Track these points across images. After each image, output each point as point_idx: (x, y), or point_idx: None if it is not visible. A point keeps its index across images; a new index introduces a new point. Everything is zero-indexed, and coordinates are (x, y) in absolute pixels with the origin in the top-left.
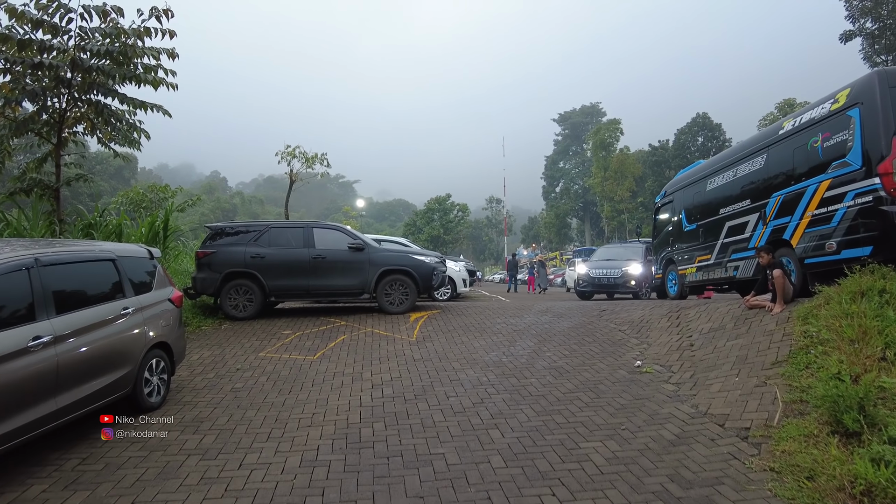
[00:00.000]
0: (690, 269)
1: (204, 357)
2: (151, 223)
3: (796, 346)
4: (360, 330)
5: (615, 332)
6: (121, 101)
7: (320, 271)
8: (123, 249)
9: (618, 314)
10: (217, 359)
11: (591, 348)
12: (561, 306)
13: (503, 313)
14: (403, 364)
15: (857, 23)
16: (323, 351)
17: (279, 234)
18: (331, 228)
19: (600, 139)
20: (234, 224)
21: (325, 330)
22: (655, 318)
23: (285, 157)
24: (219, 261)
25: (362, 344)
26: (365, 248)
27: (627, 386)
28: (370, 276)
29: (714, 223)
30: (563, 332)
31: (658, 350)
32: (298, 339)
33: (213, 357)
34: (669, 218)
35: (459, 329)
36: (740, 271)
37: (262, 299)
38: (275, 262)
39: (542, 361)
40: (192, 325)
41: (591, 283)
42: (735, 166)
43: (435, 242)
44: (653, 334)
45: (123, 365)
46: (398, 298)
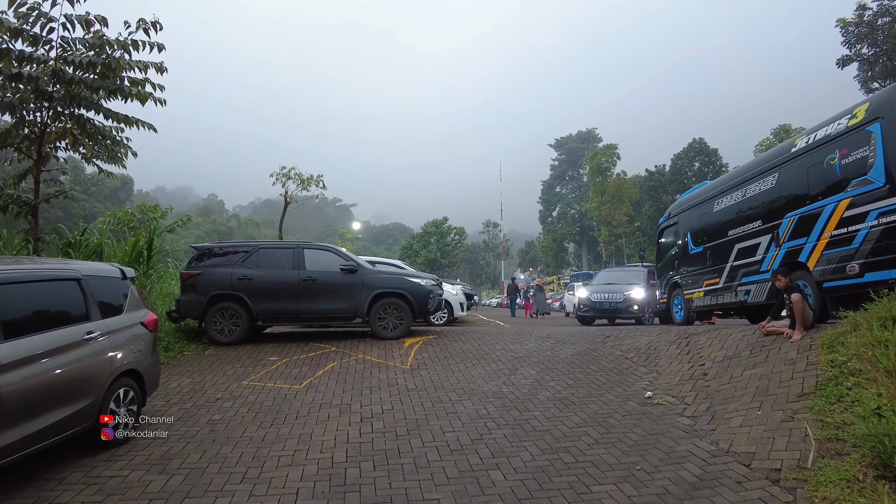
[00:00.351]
0: (697, 293)
1: (183, 385)
2: (135, 243)
3: (824, 377)
4: (351, 356)
5: (622, 360)
6: (105, 115)
7: (311, 294)
8: (92, 268)
9: (623, 340)
10: (197, 387)
11: (598, 377)
12: (563, 332)
13: (502, 339)
14: (396, 394)
15: (853, 48)
16: (310, 379)
17: (268, 255)
18: (322, 249)
19: (597, 164)
20: (221, 244)
21: (314, 356)
22: (663, 345)
23: (280, 178)
24: (204, 282)
25: (353, 372)
26: (358, 270)
27: (639, 419)
28: (363, 299)
29: (722, 245)
30: (567, 360)
31: (669, 379)
32: (285, 366)
33: (192, 385)
34: (674, 240)
35: (456, 356)
36: (752, 295)
37: (249, 323)
38: (263, 284)
39: (545, 392)
40: (174, 351)
41: (593, 308)
42: (744, 186)
43: (432, 266)
44: (662, 362)
45: (83, 396)
46: (392, 323)
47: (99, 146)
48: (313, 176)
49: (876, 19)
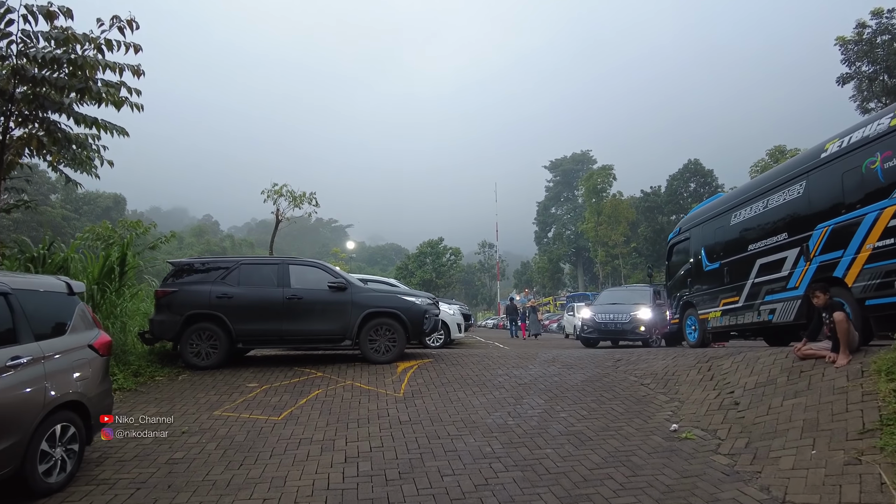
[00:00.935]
0: (714, 313)
1: (147, 415)
2: (105, 258)
3: (889, 410)
4: (338, 383)
5: (637, 387)
6: (75, 119)
7: (296, 314)
8: (26, 282)
9: (636, 365)
10: (163, 417)
11: (614, 407)
12: (568, 355)
13: (504, 363)
14: (387, 428)
15: (852, 66)
16: (291, 409)
17: (250, 272)
18: (309, 265)
19: (592, 184)
20: (199, 259)
21: (298, 383)
22: (682, 370)
23: (271, 195)
24: (180, 301)
25: (339, 401)
26: (347, 288)
27: (668, 458)
28: (352, 319)
29: (742, 261)
30: (577, 387)
31: (695, 409)
32: (264, 393)
33: (157, 415)
34: (686, 257)
35: (455, 382)
36: (778, 315)
37: (229, 346)
38: (244, 303)
39: (556, 425)
40: (145, 376)
41: (598, 329)
42: (765, 197)
43: (427, 286)
44: (683, 389)
45: (4, 436)
46: (384, 345)
47: (66, 152)
48: (305, 193)
49: (875, 37)
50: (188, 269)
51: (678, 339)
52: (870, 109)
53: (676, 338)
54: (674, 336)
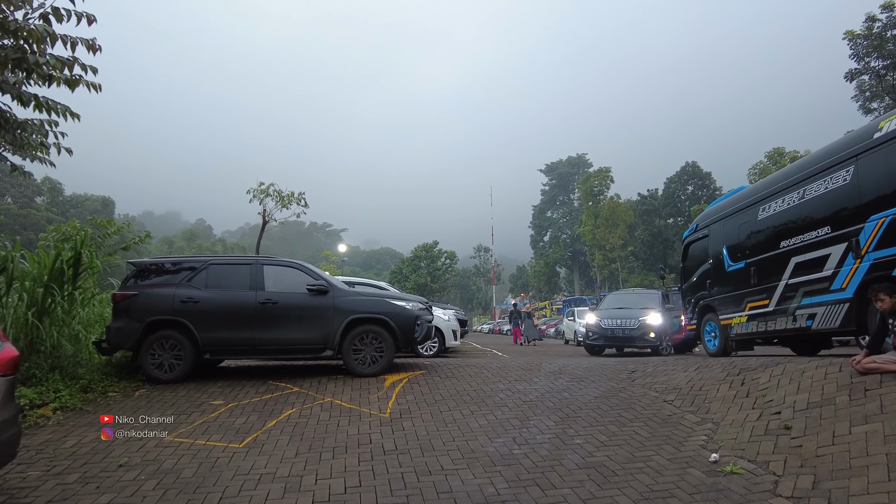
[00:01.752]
0: (738, 318)
1: (84, 442)
2: (55, 258)
3: None
4: (315, 400)
5: (660, 405)
6: (19, 99)
7: (270, 320)
8: None
9: (654, 377)
10: (101, 444)
11: (637, 430)
12: (576, 366)
13: (505, 375)
14: (368, 460)
15: (861, 61)
16: (256, 434)
17: (220, 273)
18: (286, 266)
19: (589, 187)
20: (163, 259)
21: (269, 400)
22: (710, 384)
23: (257, 195)
24: (140, 306)
25: (314, 423)
26: (329, 291)
27: (716, 501)
28: (334, 326)
29: (772, 260)
30: (591, 405)
31: (735, 434)
32: (229, 412)
33: (95, 442)
34: (705, 257)
35: (450, 398)
36: (819, 321)
37: (194, 356)
38: (212, 308)
39: (572, 454)
40: (96, 391)
41: (604, 336)
42: (801, 186)
43: (422, 290)
44: (715, 407)
45: None
46: (370, 356)
47: (7, 135)
48: (293, 193)
49: (885, 31)
50: (151, 270)
51: (689, 346)
52: (873, 109)
53: (687, 345)
54: (685, 343)
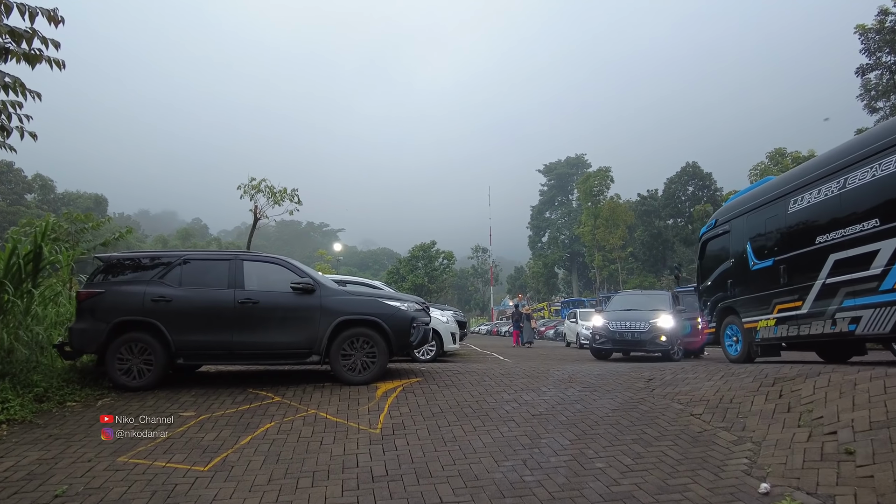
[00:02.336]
0: (765, 321)
1: (21, 465)
2: (11, 251)
3: None
4: (298, 411)
5: (687, 419)
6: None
7: (250, 322)
8: None
9: (674, 386)
10: (42, 467)
11: (665, 451)
12: (587, 372)
13: (510, 383)
14: (353, 489)
15: (873, 56)
16: (226, 454)
17: (195, 270)
18: (268, 262)
19: (589, 187)
20: (133, 253)
21: (247, 411)
22: (741, 395)
23: (248, 191)
24: (106, 305)
25: (294, 440)
26: (316, 290)
27: None
28: (321, 328)
29: (807, 257)
30: (609, 419)
31: (783, 458)
32: (199, 426)
33: (36, 463)
34: (725, 254)
35: (449, 411)
36: (865, 325)
37: (166, 361)
38: (186, 307)
39: (594, 482)
40: (52, 401)
41: (612, 339)
42: (842, 175)
43: (419, 291)
44: (752, 424)
45: None
46: (361, 362)
47: None
48: (286, 189)
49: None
50: (119, 266)
51: (698, 350)
52: (879, 108)
53: (698, 350)
54: (693, 347)
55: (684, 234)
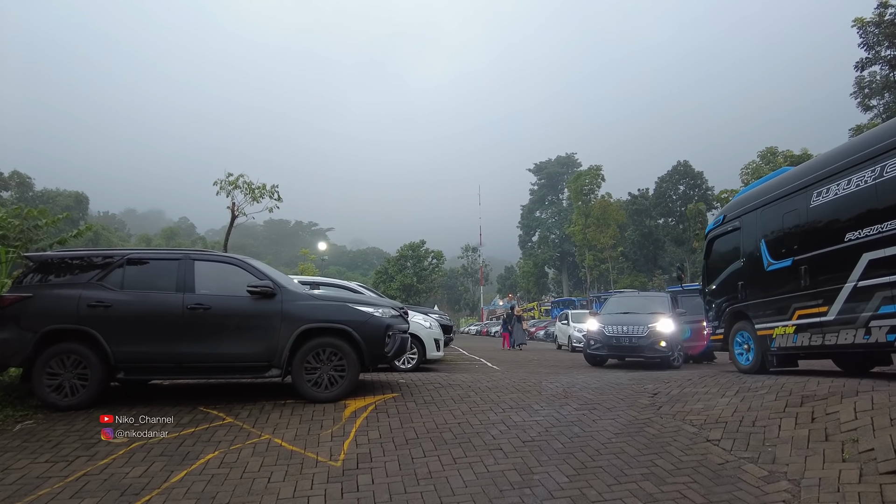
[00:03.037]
0: (782, 327)
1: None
2: None
3: None
4: (250, 437)
5: (703, 445)
6: None
7: (201, 330)
8: None
9: (684, 403)
10: None
11: (682, 490)
12: (583, 385)
13: (498, 399)
14: None
15: (872, 50)
16: (150, 496)
17: (140, 271)
18: (223, 262)
19: (580, 186)
20: (67, 252)
21: (190, 435)
22: (764, 416)
23: (224, 187)
24: (34, 311)
25: (237, 475)
26: (276, 294)
27: None
28: (282, 338)
29: (834, 256)
30: (612, 446)
31: (829, 501)
32: (127, 457)
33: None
34: (735, 253)
35: (426, 437)
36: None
37: (104, 376)
38: (128, 314)
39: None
40: None
41: (607, 345)
42: (878, 162)
43: (408, 291)
44: (784, 454)
45: None
46: (328, 376)
47: None
48: (265, 186)
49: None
50: (52, 267)
51: (706, 355)
52: (872, 106)
53: (697, 354)
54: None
55: (675, 234)
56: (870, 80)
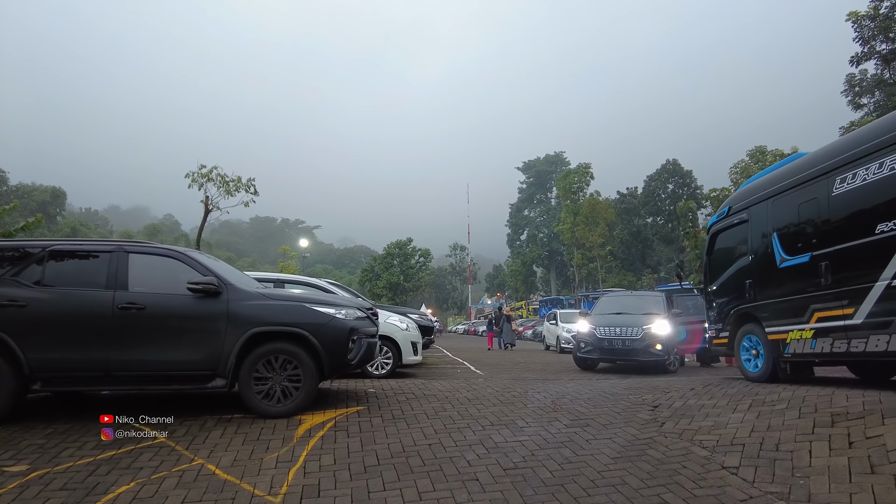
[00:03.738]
0: (798, 331)
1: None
2: None
3: None
4: (179, 462)
5: (719, 474)
6: None
7: (134, 334)
8: None
9: (690, 418)
10: None
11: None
12: (574, 395)
13: (478, 413)
14: None
15: (867, 45)
16: None
17: (64, 265)
18: (160, 255)
19: (568, 184)
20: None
21: (106, 461)
22: (790, 438)
23: (197, 179)
24: None
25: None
26: (222, 293)
27: None
28: (227, 343)
29: (861, 251)
30: (610, 475)
31: None
32: (19, 491)
33: None
34: (742, 249)
35: (389, 463)
36: None
37: (17, 387)
38: (46, 315)
39: None
40: None
41: (599, 348)
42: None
43: (395, 290)
44: (822, 490)
45: None
46: (281, 387)
47: None
48: (241, 179)
49: (893, 12)
50: None
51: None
52: (863, 105)
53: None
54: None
55: (664, 233)
56: (860, 78)
